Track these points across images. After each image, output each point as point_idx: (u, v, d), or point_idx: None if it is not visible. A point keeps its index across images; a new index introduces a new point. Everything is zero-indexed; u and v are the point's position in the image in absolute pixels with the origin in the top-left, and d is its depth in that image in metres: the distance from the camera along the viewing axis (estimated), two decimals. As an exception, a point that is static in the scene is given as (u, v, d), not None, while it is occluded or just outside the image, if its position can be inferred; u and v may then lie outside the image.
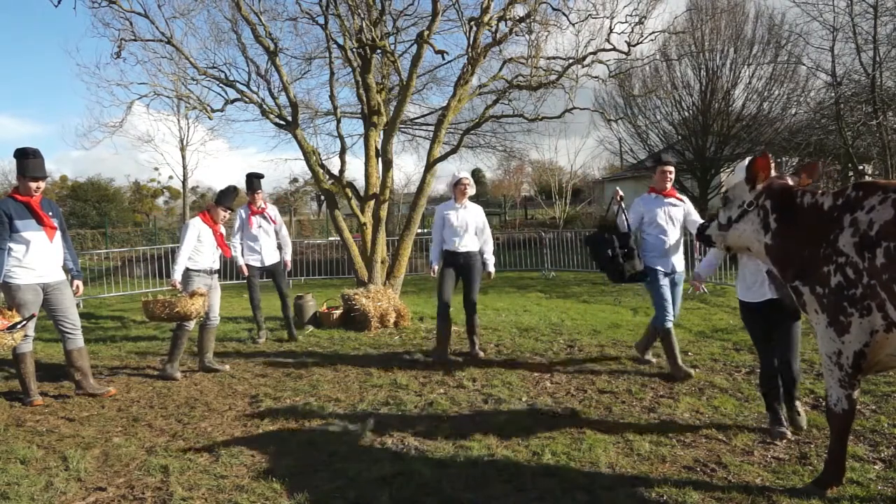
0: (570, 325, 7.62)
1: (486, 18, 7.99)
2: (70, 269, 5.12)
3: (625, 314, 8.34)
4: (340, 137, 9.26)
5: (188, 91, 9.36)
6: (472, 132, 11.71)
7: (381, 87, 9.23)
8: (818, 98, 15.56)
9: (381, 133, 8.61)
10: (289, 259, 7.52)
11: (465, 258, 6.11)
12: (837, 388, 2.91)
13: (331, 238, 17.19)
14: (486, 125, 13.44)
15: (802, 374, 4.03)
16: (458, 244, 6.09)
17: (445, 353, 6.06)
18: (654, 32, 9.59)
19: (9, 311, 4.60)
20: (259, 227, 7.14)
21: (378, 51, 8.35)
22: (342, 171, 8.96)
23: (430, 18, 8.19)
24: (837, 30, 13.01)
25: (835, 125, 13.51)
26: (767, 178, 3.21)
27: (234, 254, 6.92)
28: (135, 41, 8.67)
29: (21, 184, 4.72)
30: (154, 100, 17.27)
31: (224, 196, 6.08)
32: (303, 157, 8.67)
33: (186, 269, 5.69)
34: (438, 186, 29.87)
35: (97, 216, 29.02)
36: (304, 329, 7.68)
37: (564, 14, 8.75)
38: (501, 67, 9.04)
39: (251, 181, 7.20)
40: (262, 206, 7.22)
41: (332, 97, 9.02)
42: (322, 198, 16.14)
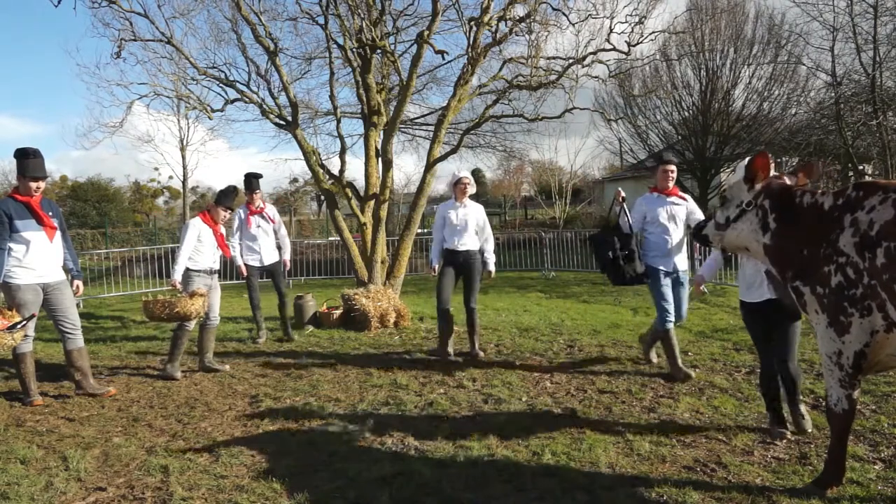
0: (570, 325, 7.62)
1: (486, 18, 7.99)
2: (70, 269, 5.12)
3: (625, 314, 8.34)
4: (340, 137, 9.27)
5: (188, 91, 9.37)
6: (472, 132, 11.71)
7: (381, 87, 9.23)
8: (818, 98, 15.58)
9: (381, 133, 8.61)
10: (288, 258, 7.52)
11: (465, 257, 6.12)
12: (838, 388, 2.91)
13: (331, 238, 17.19)
14: (486, 125, 13.45)
15: (802, 375, 4.01)
16: (458, 243, 6.10)
17: (447, 351, 6.09)
18: (654, 32, 9.60)
19: (9, 311, 4.60)
20: (258, 227, 7.14)
21: (378, 51, 8.35)
22: (342, 171, 8.96)
23: (430, 18, 8.19)
24: (837, 30, 13.03)
25: (835, 125, 13.52)
26: (766, 178, 3.21)
27: (233, 254, 6.92)
28: (135, 41, 8.67)
29: (21, 184, 4.72)
30: (154, 100, 17.29)
31: (224, 196, 6.09)
32: (303, 157, 8.67)
33: (187, 270, 5.69)
34: (438, 186, 29.91)
35: (97, 216, 29.03)
36: (305, 329, 7.69)
37: (564, 14, 8.76)
38: (501, 67, 9.05)
39: (249, 181, 7.20)
40: (261, 206, 7.22)
41: (332, 97, 9.03)
42: (322, 198, 16.14)
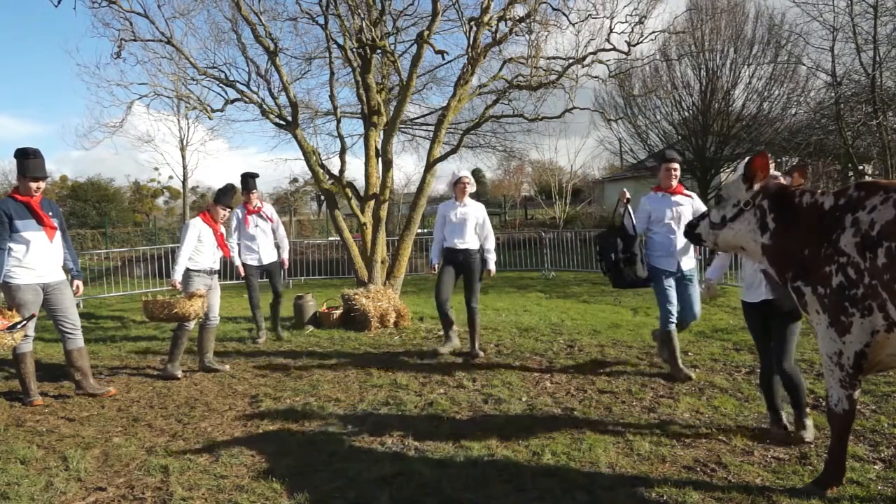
0: (570, 325, 7.62)
1: (486, 18, 7.99)
2: (70, 269, 5.12)
3: (625, 314, 8.34)
4: (340, 137, 9.27)
5: (188, 91, 9.37)
6: (472, 132, 11.70)
7: (381, 87, 9.22)
8: (818, 98, 15.59)
9: (381, 133, 8.61)
10: (286, 258, 7.51)
11: (465, 256, 6.13)
12: (838, 389, 2.91)
13: (331, 238, 17.19)
14: (486, 125, 13.44)
15: (802, 375, 3.99)
16: (458, 242, 6.12)
17: (453, 339, 6.31)
18: (654, 32, 9.61)
19: (9, 311, 4.60)
20: (256, 227, 7.14)
21: (378, 51, 8.35)
22: (342, 171, 8.96)
23: (430, 18, 8.19)
24: (837, 30, 13.03)
25: (835, 125, 13.52)
26: (766, 178, 3.19)
27: (231, 254, 6.92)
28: (135, 41, 8.67)
29: (21, 184, 4.73)
30: (154, 100, 17.25)
31: (223, 194, 6.07)
32: (303, 157, 8.67)
33: (187, 270, 5.69)
34: (438, 186, 29.91)
35: (97, 216, 29.03)
36: (305, 329, 7.69)
37: (564, 14, 8.76)
38: (501, 67, 9.04)
39: (246, 181, 7.20)
40: (259, 206, 7.22)
41: (332, 97, 9.03)
42: (322, 198, 16.15)
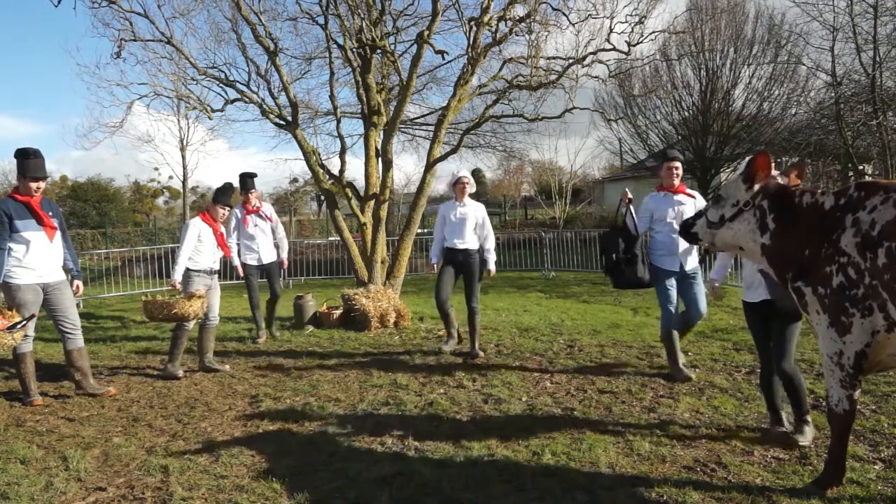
0: (570, 325, 7.62)
1: (486, 18, 7.98)
2: (70, 269, 5.12)
3: (625, 314, 8.34)
4: (340, 137, 9.27)
5: (188, 91, 9.37)
6: (472, 132, 11.70)
7: (381, 87, 9.22)
8: (818, 98, 15.59)
9: (381, 133, 8.61)
10: (285, 257, 7.51)
11: (465, 255, 6.14)
12: (838, 389, 2.91)
13: (331, 238, 17.19)
14: (486, 125, 13.44)
15: (802, 375, 3.99)
16: (457, 242, 6.13)
17: (455, 337, 6.37)
18: (654, 32, 9.60)
19: (9, 311, 4.60)
20: (255, 227, 7.14)
21: (378, 51, 8.35)
22: (342, 171, 8.96)
23: (430, 18, 8.19)
24: (837, 30, 13.02)
25: (835, 125, 13.52)
26: (766, 178, 3.18)
27: (231, 254, 6.92)
28: (135, 41, 8.66)
29: (21, 184, 4.73)
30: (154, 100, 17.27)
31: (221, 193, 6.07)
32: (303, 157, 8.66)
33: (186, 270, 5.69)
34: (438, 186, 29.91)
35: (97, 216, 29.03)
36: (305, 329, 7.69)
37: (564, 14, 8.76)
38: (501, 67, 9.04)
39: (244, 180, 7.19)
40: (257, 205, 7.22)
41: (332, 97, 9.02)
42: (322, 198, 16.14)
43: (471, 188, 6.27)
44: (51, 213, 4.87)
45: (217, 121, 26.39)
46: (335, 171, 8.95)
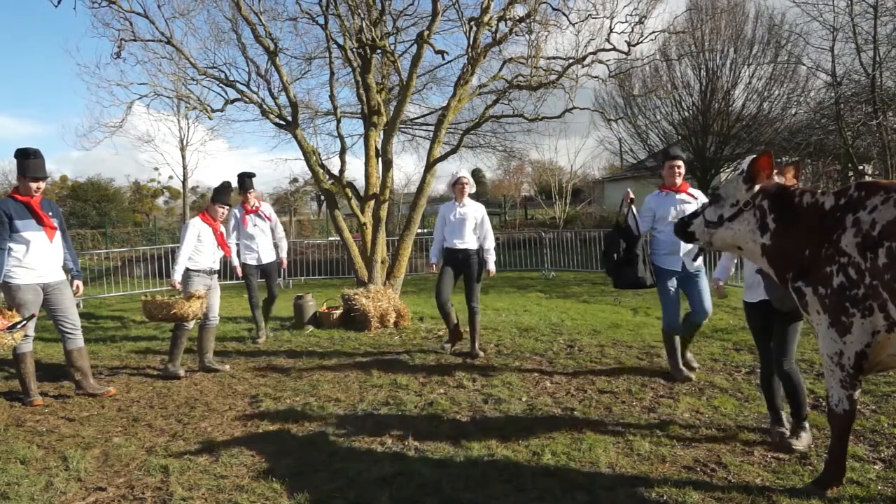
0: (570, 325, 7.62)
1: (486, 18, 7.98)
2: (70, 269, 5.12)
3: (625, 314, 8.34)
4: (340, 137, 9.27)
5: (188, 91, 9.37)
6: (472, 132, 11.70)
7: (381, 87, 9.22)
8: (818, 98, 15.60)
9: (381, 133, 8.61)
10: (284, 256, 7.51)
11: (464, 255, 6.15)
12: (839, 389, 2.91)
13: (331, 238, 17.19)
14: (486, 125, 13.44)
15: (802, 375, 3.98)
16: (457, 242, 6.15)
17: (458, 336, 6.37)
18: (654, 32, 9.60)
19: (9, 311, 4.60)
20: (254, 226, 7.14)
21: (378, 51, 8.35)
22: (342, 171, 8.96)
23: (430, 18, 8.19)
24: (837, 30, 13.03)
25: (835, 125, 13.52)
26: (768, 178, 3.17)
27: (231, 253, 6.92)
28: (135, 41, 8.67)
29: (21, 184, 4.73)
30: (154, 100, 17.26)
31: (219, 192, 6.06)
32: (303, 157, 8.66)
33: (186, 270, 5.68)
34: (438, 186, 29.86)
35: (97, 216, 29.03)
36: (305, 329, 7.69)
37: (564, 14, 8.75)
38: (501, 67, 9.04)
39: (243, 180, 7.19)
40: (256, 205, 7.22)
41: (332, 97, 9.02)
42: (322, 198, 16.14)
43: (470, 188, 6.27)
44: (51, 213, 4.87)
45: (217, 121, 26.43)
46: (335, 171, 8.95)
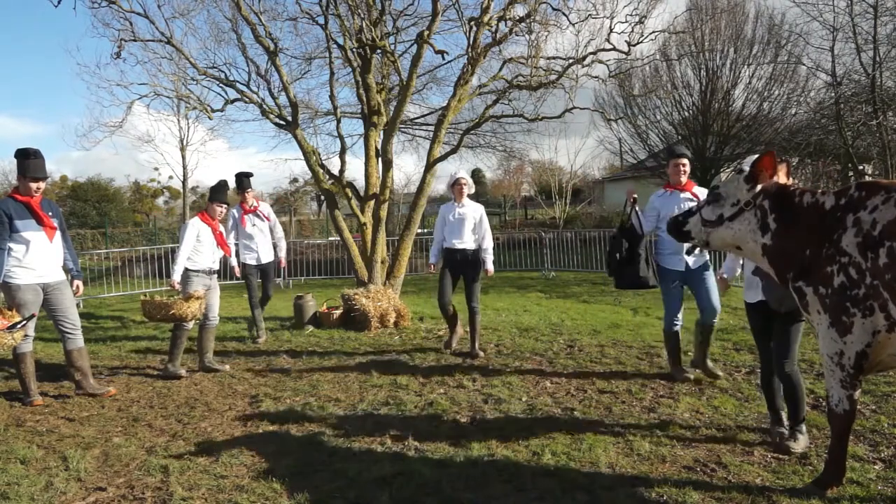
0: (570, 325, 7.61)
1: (486, 18, 7.98)
2: (70, 269, 5.12)
3: (625, 314, 8.34)
4: (340, 137, 9.27)
5: (188, 91, 9.37)
6: (472, 132, 11.70)
7: (381, 87, 9.22)
8: (818, 98, 15.59)
9: (381, 133, 8.61)
10: (283, 256, 7.50)
11: (463, 255, 6.19)
12: (839, 389, 2.91)
13: (331, 238, 17.19)
14: (486, 125, 13.43)
15: (802, 375, 3.97)
16: (456, 242, 6.18)
17: (458, 334, 6.44)
18: (654, 32, 9.60)
19: (9, 311, 4.60)
20: (253, 226, 7.14)
21: (378, 51, 8.34)
22: (342, 171, 8.96)
23: (430, 18, 8.19)
24: (837, 30, 13.02)
25: (835, 125, 13.51)
26: (770, 178, 3.14)
27: (231, 253, 6.91)
28: (135, 41, 8.67)
29: (21, 184, 4.73)
30: (154, 100, 17.26)
31: (216, 191, 6.05)
32: (303, 157, 8.66)
33: (186, 270, 5.68)
34: (438, 186, 29.85)
35: (97, 216, 29.04)
36: (305, 329, 7.68)
37: (564, 14, 8.76)
38: (501, 67, 9.04)
39: (241, 180, 7.18)
40: (255, 205, 7.21)
41: (332, 97, 9.02)
42: (322, 198, 16.14)
43: (469, 189, 6.29)
44: (51, 214, 4.87)
45: (217, 121, 26.41)
46: (335, 171, 8.95)
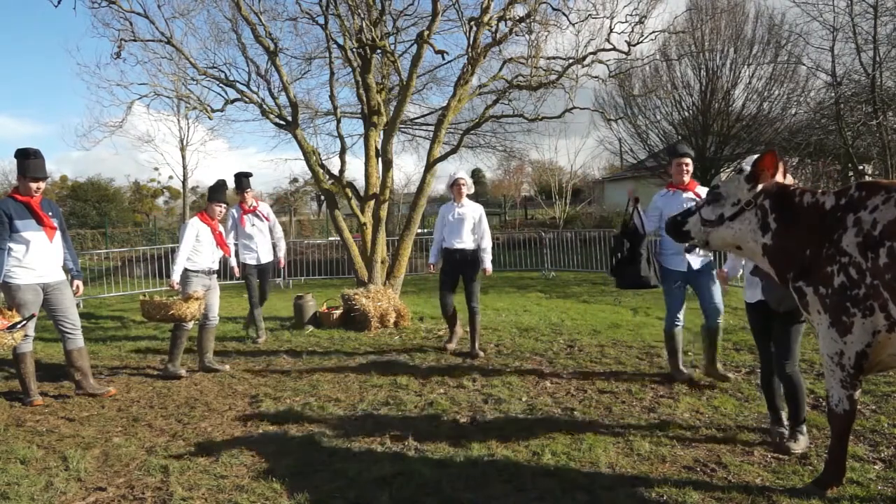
0: (570, 325, 7.61)
1: (486, 18, 7.98)
2: (70, 269, 5.12)
3: (625, 314, 8.34)
4: (340, 137, 9.26)
5: (188, 91, 9.37)
6: (472, 132, 11.70)
7: (381, 87, 9.22)
8: (818, 98, 15.58)
9: (381, 133, 8.60)
10: (283, 256, 7.51)
11: (462, 255, 6.21)
12: (839, 389, 2.91)
13: (331, 238, 17.18)
14: (486, 125, 13.43)
15: (802, 375, 3.96)
16: (455, 242, 6.20)
17: (458, 333, 6.48)
18: (654, 32, 9.60)
19: (9, 311, 4.60)
20: (253, 226, 7.14)
21: (378, 51, 8.34)
22: (342, 171, 8.96)
23: (430, 18, 8.19)
24: (837, 30, 13.01)
25: (835, 125, 13.51)
26: (772, 178, 3.13)
27: (230, 253, 6.90)
28: (135, 41, 8.67)
29: (21, 184, 4.73)
30: (154, 100, 17.24)
31: (215, 191, 6.04)
32: (303, 157, 8.66)
33: (185, 270, 5.68)
34: (438, 186, 29.81)
35: (97, 216, 29.04)
36: (305, 329, 7.68)
37: (564, 14, 8.76)
38: (501, 67, 9.04)
39: (240, 180, 7.18)
40: (254, 205, 7.21)
41: (332, 97, 9.02)
42: (322, 198, 16.14)
43: (468, 189, 6.30)
44: (51, 214, 4.87)
45: (217, 121, 26.38)
46: (335, 171, 8.95)
